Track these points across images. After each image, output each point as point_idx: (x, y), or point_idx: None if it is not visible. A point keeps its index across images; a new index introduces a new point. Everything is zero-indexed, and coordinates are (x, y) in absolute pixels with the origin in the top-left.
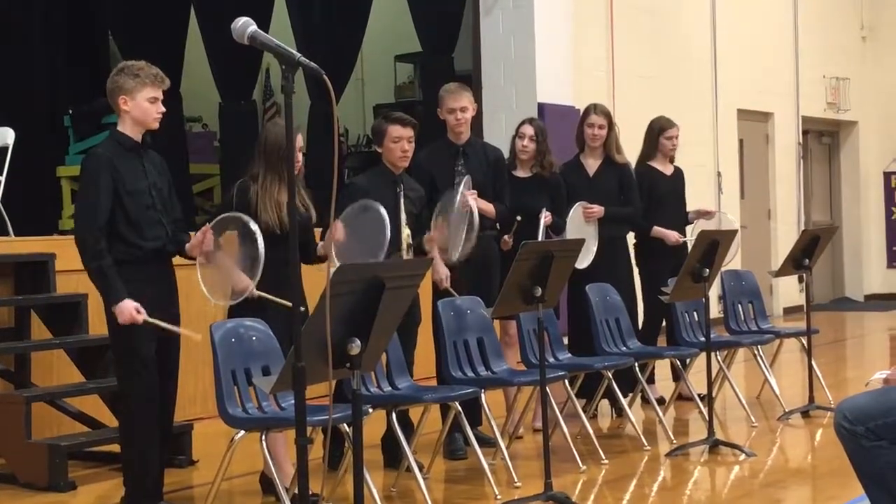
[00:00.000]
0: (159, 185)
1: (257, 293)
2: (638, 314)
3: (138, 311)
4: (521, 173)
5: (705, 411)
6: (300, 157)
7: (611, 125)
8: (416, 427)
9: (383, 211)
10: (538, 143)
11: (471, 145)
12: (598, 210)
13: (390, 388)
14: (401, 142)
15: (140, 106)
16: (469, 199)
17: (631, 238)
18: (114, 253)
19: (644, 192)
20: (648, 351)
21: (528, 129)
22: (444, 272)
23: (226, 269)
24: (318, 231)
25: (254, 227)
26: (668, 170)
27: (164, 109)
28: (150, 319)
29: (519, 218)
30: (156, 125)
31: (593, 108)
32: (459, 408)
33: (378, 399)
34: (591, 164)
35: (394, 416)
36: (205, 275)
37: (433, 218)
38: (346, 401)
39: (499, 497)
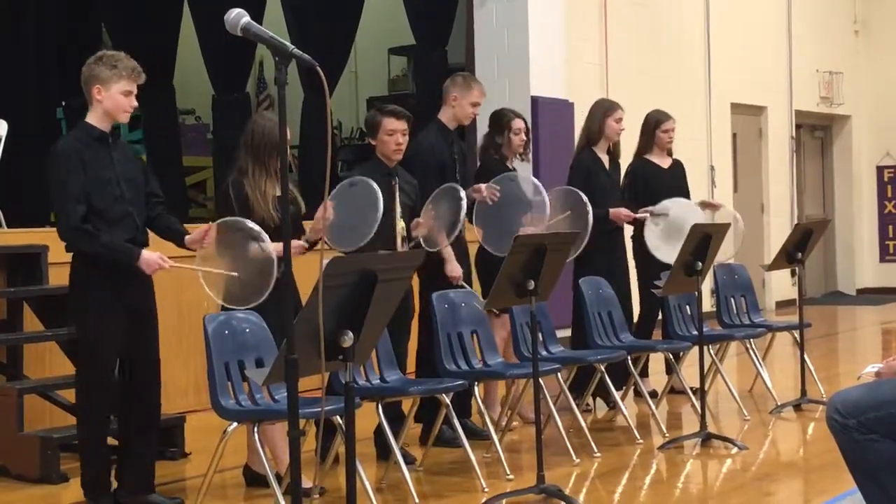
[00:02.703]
0: (130, 175)
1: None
2: (634, 307)
3: (162, 259)
4: (509, 164)
5: (698, 405)
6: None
7: None
8: (405, 420)
9: (373, 183)
10: (526, 135)
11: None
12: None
13: (379, 381)
14: (395, 135)
15: (113, 98)
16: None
17: (629, 231)
18: None
19: (640, 186)
20: (641, 344)
21: (521, 124)
22: (459, 270)
23: (254, 256)
24: (307, 224)
25: (254, 226)
26: (665, 163)
27: (136, 104)
28: (177, 264)
29: None
30: (125, 119)
31: (618, 105)
32: (448, 401)
33: (365, 392)
34: (605, 159)
35: (380, 408)
36: (214, 278)
37: (425, 204)
38: (334, 394)
39: (486, 490)
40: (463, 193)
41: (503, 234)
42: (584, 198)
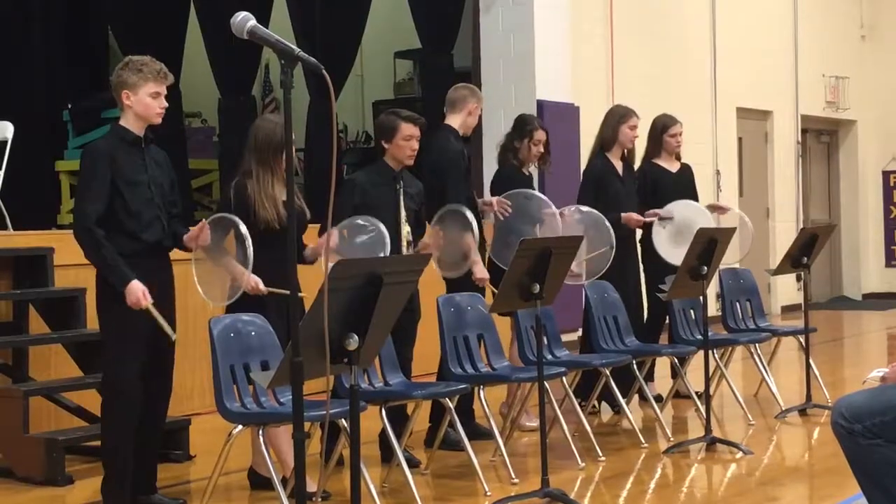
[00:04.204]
0: (159, 179)
1: (264, 289)
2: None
3: (144, 296)
4: (525, 170)
5: (703, 409)
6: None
7: None
8: (407, 423)
9: (384, 230)
10: (545, 145)
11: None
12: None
13: (382, 384)
14: (411, 140)
15: (142, 101)
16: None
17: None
18: (114, 245)
19: (648, 190)
20: (646, 348)
21: (543, 136)
22: (485, 274)
23: (228, 266)
24: (313, 227)
25: (243, 229)
26: (673, 167)
27: (166, 105)
28: (153, 309)
29: None
30: (158, 120)
31: (634, 112)
32: (451, 405)
33: (368, 395)
34: (619, 165)
35: (383, 411)
36: (201, 272)
37: (432, 223)
38: (336, 397)
39: (489, 494)
40: (475, 225)
41: (511, 248)
42: (607, 222)
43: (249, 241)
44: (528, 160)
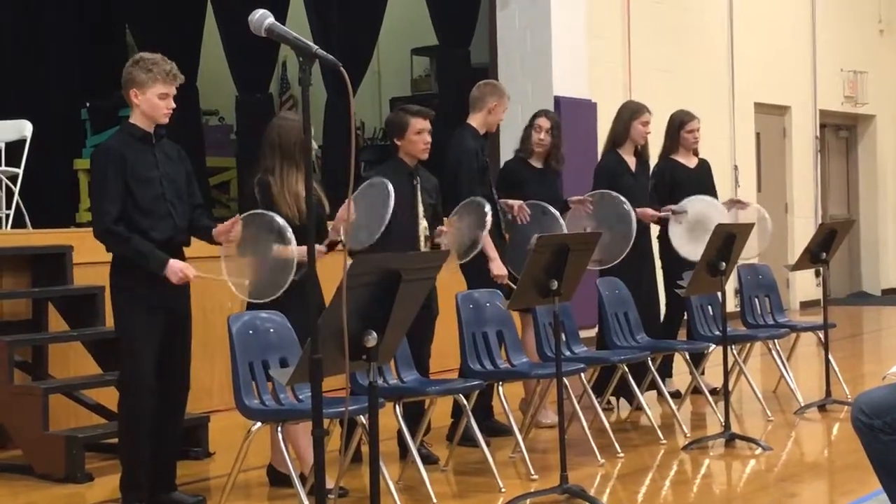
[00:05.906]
0: (172, 175)
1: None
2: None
3: (186, 269)
4: (536, 163)
5: (717, 406)
6: (314, 146)
7: None
8: (422, 419)
9: (386, 181)
10: (553, 137)
11: None
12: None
13: (397, 381)
14: (423, 133)
15: (150, 101)
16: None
17: (654, 231)
18: None
19: (666, 186)
20: (662, 344)
21: (545, 123)
22: (504, 270)
23: (275, 253)
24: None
25: (281, 221)
26: (691, 162)
27: (174, 106)
28: (202, 274)
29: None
30: (165, 120)
31: (646, 108)
32: (465, 401)
33: (383, 392)
34: (631, 161)
35: (398, 408)
36: (232, 269)
37: (451, 215)
38: (352, 393)
39: (503, 490)
40: (489, 218)
41: (521, 253)
42: (629, 207)
43: (290, 232)
44: (532, 148)
